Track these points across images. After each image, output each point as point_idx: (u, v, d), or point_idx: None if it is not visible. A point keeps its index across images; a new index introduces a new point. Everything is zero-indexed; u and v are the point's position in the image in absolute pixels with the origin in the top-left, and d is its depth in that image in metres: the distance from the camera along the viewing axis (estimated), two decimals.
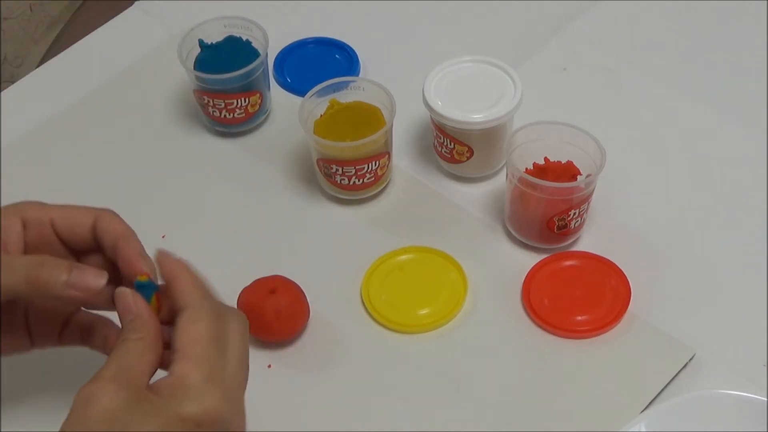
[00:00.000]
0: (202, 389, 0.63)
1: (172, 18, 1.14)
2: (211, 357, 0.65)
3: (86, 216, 0.71)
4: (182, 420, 0.62)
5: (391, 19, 1.14)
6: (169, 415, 0.62)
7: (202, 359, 0.64)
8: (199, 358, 0.64)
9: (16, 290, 0.67)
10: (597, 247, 0.92)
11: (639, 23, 1.12)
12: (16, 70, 1.51)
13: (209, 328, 0.66)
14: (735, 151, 1.00)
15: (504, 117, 0.93)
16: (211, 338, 0.65)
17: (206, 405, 0.63)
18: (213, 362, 0.64)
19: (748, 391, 0.81)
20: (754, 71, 1.06)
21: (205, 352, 0.65)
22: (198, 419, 0.62)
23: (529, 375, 0.85)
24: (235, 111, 1.01)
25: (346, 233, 0.96)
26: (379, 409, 0.84)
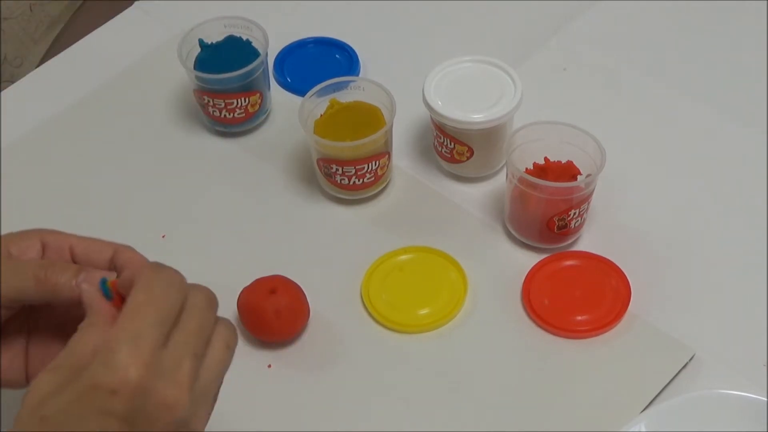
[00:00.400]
0: (117, 352, 0.58)
1: (172, 18, 1.14)
2: (144, 323, 0.60)
3: (105, 247, 0.69)
4: (95, 388, 0.58)
5: (391, 19, 1.14)
6: (84, 385, 0.58)
7: (130, 324, 0.59)
8: (127, 324, 0.59)
9: (26, 291, 0.65)
10: (597, 247, 0.92)
11: (639, 23, 1.12)
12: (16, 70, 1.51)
13: (148, 296, 0.61)
14: (735, 151, 1.00)
15: (504, 117, 0.93)
16: (146, 304, 0.61)
17: (121, 370, 0.58)
18: (145, 329, 0.59)
19: (748, 391, 0.81)
20: (754, 71, 1.06)
21: (129, 316, 0.60)
22: (113, 386, 0.58)
23: (529, 375, 0.85)
24: (235, 111, 1.01)
25: (346, 233, 0.96)
26: (379, 409, 0.84)
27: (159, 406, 0.59)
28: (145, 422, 0.59)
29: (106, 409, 0.58)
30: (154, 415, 0.59)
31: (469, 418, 0.83)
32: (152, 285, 0.62)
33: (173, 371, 0.59)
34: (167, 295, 0.62)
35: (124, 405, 0.58)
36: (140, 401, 0.58)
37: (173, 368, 0.59)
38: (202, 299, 0.63)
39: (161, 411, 0.59)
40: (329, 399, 0.85)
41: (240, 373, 0.85)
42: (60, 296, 0.66)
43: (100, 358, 0.59)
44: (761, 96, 1.04)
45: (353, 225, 0.96)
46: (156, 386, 0.58)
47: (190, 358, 0.60)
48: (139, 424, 0.59)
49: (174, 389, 0.59)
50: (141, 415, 0.58)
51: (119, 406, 0.58)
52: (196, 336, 0.61)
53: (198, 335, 0.62)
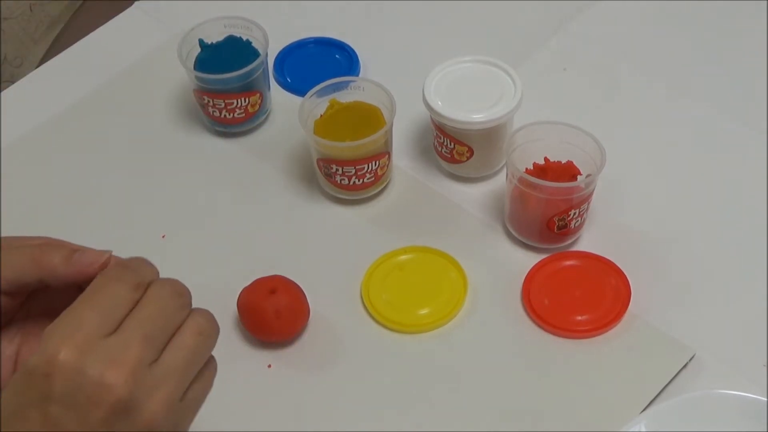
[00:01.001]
0: (50, 338, 0.58)
1: (172, 18, 1.14)
2: (84, 312, 0.59)
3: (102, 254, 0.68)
4: (30, 374, 0.57)
5: (391, 19, 1.14)
6: (22, 373, 0.58)
7: (69, 313, 0.59)
8: (66, 314, 0.59)
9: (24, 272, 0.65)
10: (597, 247, 0.92)
11: (639, 23, 1.12)
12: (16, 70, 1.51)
13: (95, 289, 0.61)
14: (735, 151, 1.00)
15: (504, 117, 0.93)
16: (90, 295, 0.60)
17: (52, 353, 0.57)
18: (84, 316, 0.59)
19: (748, 391, 0.81)
20: (754, 71, 1.06)
21: (76, 308, 0.59)
22: (44, 369, 0.57)
23: (529, 375, 0.85)
24: (235, 111, 1.01)
25: (346, 233, 0.96)
26: (379, 409, 0.84)
27: (97, 386, 0.58)
28: (87, 405, 0.58)
29: (44, 393, 0.57)
30: (94, 397, 0.58)
31: (469, 418, 0.83)
32: (102, 279, 0.62)
33: (117, 353, 0.58)
34: (117, 285, 0.61)
35: (60, 387, 0.57)
36: (76, 382, 0.57)
37: (117, 350, 0.58)
38: (164, 290, 0.62)
39: (100, 391, 0.58)
40: (329, 399, 0.85)
41: (240, 373, 0.86)
42: (56, 275, 0.65)
43: (42, 343, 0.58)
44: (761, 96, 1.04)
45: (353, 225, 0.96)
46: (92, 367, 0.57)
47: (138, 341, 0.59)
48: (81, 408, 0.58)
49: (114, 369, 0.58)
50: (80, 398, 0.57)
51: (56, 388, 0.57)
52: (150, 321, 0.60)
53: (152, 320, 0.60)
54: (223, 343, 0.87)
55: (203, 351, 0.63)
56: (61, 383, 0.57)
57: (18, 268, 0.66)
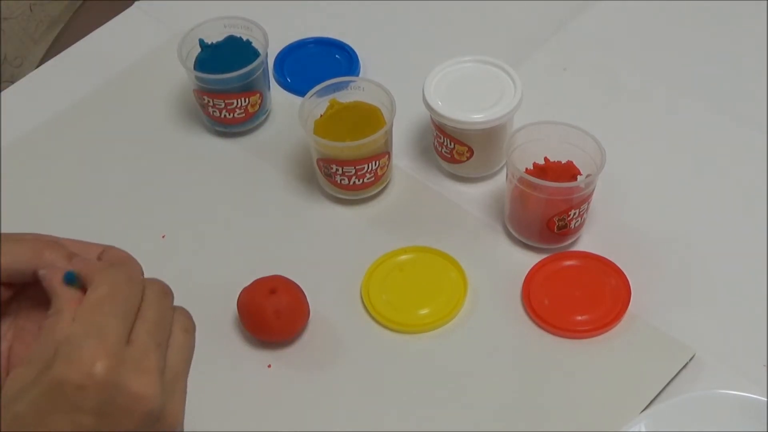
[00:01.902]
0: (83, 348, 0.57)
1: (172, 18, 1.14)
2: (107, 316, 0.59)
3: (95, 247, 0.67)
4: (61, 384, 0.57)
5: (391, 19, 1.14)
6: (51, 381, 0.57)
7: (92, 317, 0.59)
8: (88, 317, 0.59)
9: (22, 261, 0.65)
10: (597, 247, 0.92)
11: (639, 23, 1.12)
12: (16, 70, 1.51)
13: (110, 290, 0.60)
14: (735, 151, 1.00)
15: (504, 117, 0.93)
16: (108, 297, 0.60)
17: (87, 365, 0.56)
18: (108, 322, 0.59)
19: (748, 391, 0.81)
20: (754, 71, 1.06)
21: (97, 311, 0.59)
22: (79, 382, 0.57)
23: (529, 375, 0.85)
24: (235, 111, 1.01)
25: (346, 233, 0.96)
26: (379, 409, 0.84)
27: (131, 398, 0.58)
28: (119, 415, 0.58)
29: (76, 405, 0.57)
30: (127, 408, 0.58)
31: (469, 418, 0.83)
32: (113, 278, 0.62)
33: (140, 362, 0.59)
34: (128, 288, 0.61)
35: (94, 400, 0.57)
36: (110, 395, 0.58)
37: (140, 359, 0.59)
38: (157, 291, 0.63)
39: (134, 403, 0.58)
40: (329, 399, 0.85)
41: (240, 373, 0.86)
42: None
43: (64, 353, 0.58)
44: (761, 96, 1.04)
45: (353, 225, 0.96)
46: (125, 378, 0.58)
47: (154, 348, 0.60)
48: (113, 418, 0.58)
49: (144, 379, 0.58)
50: (113, 409, 0.58)
51: (89, 401, 0.57)
52: (157, 326, 0.61)
53: (159, 325, 0.61)
54: (223, 343, 0.88)
55: (191, 349, 0.64)
56: (95, 395, 0.57)
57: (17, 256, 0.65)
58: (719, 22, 1.12)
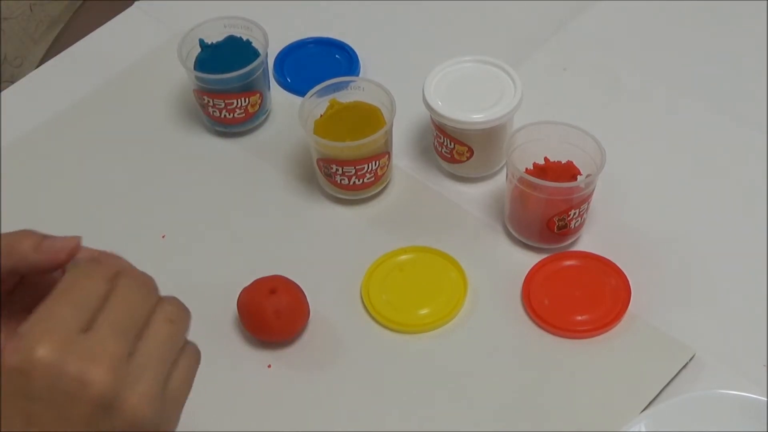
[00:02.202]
0: (25, 335, 0.57)
1: (172, 18, 1.14)
2: (58, 307, 0.59)
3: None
4: (8, 371, 0.57)
5: (391, 19, 1.14)
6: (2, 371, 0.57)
7: (43, 309, 0.58)
8: (40, 309, 0.58)
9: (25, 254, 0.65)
10: (597, 247, 0.92)
11: (639, 23, 1.12)
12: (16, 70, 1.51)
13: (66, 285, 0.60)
14: (735, 151, 1.00)
15: (504, 117, 0.93)
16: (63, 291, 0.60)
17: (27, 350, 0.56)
18: (58, 311, 0.58)
19: (748, 391, 0.81)
20: (754, 71, 1.06)
21: (49, 304, 0.59)
22: (21, 367, 0.56)
23: (529, 375, 0.85)
24: (235, 111, 1.01)
25: (346, 233, 0.96)
26: (379, 409, 0.84)
27: (77, 382, 0.57)
28: (67, 402, 0.57)
29: (22, 390, 0.57)
30: (74, 394, 0.57)
31: (469, 418, 0.83)
32: (74, 274, 0.61)
33: (92, 349, 0.58)
34: (86, 282, 0.61)
35: (38, 385, 0.57)
36: (55, 380, 0.57)
37: (92, 347, 0.58)
38: (131, 282, 0.62)
39: (79, 388, 0.57)
40: (329, 399, 0.85)
41: (240, 373, 0.86)
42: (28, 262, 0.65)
43: (16, 339, 0.58)
44: (761, 96, 1.04)
45: (353, 225, 0.96)
46: (69, 363, 0.57)
47: (114, 336, 0.59)
48: (61, 405, 0.57)
49: (93, 365, 0.57)
50: (59, 395, 0.57)
51: (34, 386, 0.57)
52: (122, 314, 0.60)
53: (124, 313, 0.60)
54: (223, 343, 0.88)
55: (176, 338, 0.62)
56: (40, 381, 0.57)
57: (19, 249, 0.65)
58: (719, 22, 1.12)
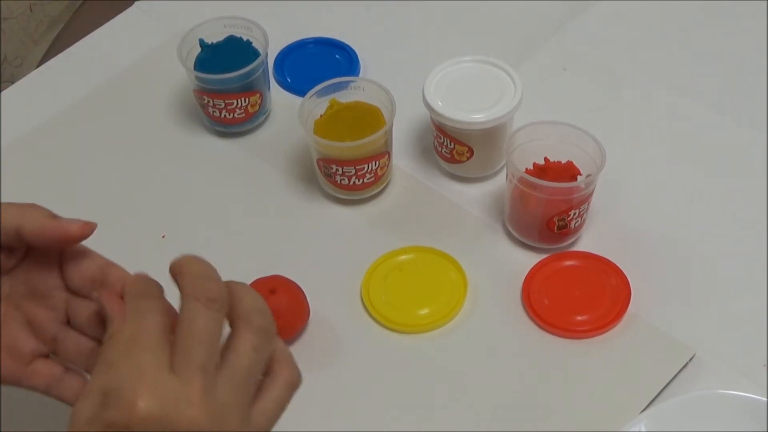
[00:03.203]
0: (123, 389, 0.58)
1: (172, 18, 1.14)
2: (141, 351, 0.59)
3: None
4: (111, 425, 0.58)
5: (391, 19, 1.14)
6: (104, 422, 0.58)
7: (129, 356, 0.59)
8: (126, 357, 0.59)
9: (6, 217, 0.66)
10: (597, 247, 0.92)
11: (639, 23, 1.12)
12: (16, 70, 1.51)
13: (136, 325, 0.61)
14: (735, 151, 1.00)
15: (504, 117, 0.93)
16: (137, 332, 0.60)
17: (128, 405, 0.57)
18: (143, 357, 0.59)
19: (748, 391, 0.81)
20: (754, 71, 1.06)
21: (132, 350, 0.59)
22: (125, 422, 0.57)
23: (529, 375, 0.85)
24: (235, 111, 1.01)
25: (346, 233, 0.96)
26: (378, 409, 0.84)
27: (177, 428, 0.58)
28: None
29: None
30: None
31: (469, 418, 0.83)
32: (137, 311, 0.61)
33: (183, 391, 0.59)
34: (153, 320, 0.61)
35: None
36: (157, 428, 0.58)
37: (182, 388, 0.59)
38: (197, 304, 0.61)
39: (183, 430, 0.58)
40: (329, 399, 0.85)
41: None
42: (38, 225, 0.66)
43: (112, 395, 0.58)
44: (761, 96, 1.04)
45: (353, 225, 0.96)
46: (169, 411, 0.58)
47: (197, 373, 0.59)
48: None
49: (188, 409, 0.58)
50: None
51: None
52: (200, 346, 0.60)
53: (203, 344, 0.60)
54: None
55: (259, 365, 0.63)
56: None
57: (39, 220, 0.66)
58: (719, 22, 1.12)
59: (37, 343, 0.69)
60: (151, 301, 0.63)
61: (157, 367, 0.59)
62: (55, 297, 0.69)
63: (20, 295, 0.69)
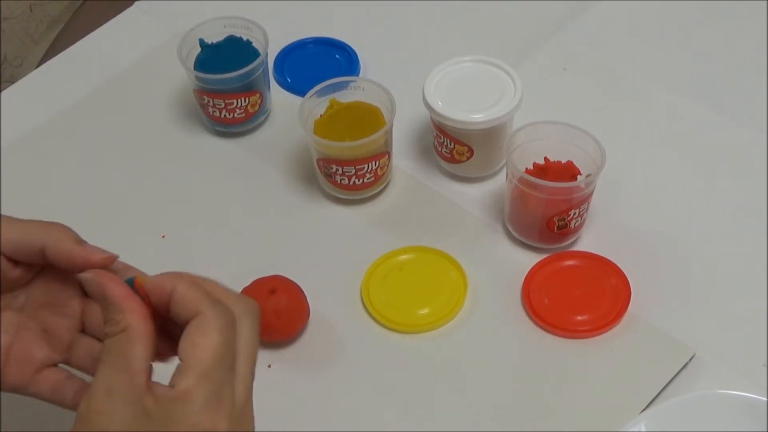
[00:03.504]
0: (203, 407, 0.59)
1: (172, 18, 1.14)
2: (219, 373, 0.60)
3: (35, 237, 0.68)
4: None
5: (391, 19, 1.14)
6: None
7: (209, 375, 0.60)
8: (206, 374, 0.60)
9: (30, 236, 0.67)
10: (597, 247, 0.92)
11: (639, 23, 1.12)
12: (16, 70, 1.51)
13: (220, 342, 0.61)
14: (735, 151, 1.00)
15: (504, 117, 0.93)
16: (220, 352, 0.61)
17: (205, 426, 0.59)
18: (220, 379, 0.60)
19: (748, 391, 0.81)
20: (754, 71, 1.06)
21: (212, 368, 0.60)
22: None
23: (529, 375, 0.85)
24: (235, 111, 1.01)
25: (346, 233, 0.96)
26: (379, 409, 0.84)
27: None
28: None
29: None
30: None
31: (469, 418, 0.83)
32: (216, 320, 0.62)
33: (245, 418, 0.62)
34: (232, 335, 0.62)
35: None
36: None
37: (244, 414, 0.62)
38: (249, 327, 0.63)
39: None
40: (329, 399, 0.85)
41: None
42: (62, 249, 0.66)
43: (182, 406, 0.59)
44: (761, 96, 1.04)
45: (353, 225, 0.96)
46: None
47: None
48: None
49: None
50: None
51: None
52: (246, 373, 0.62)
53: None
54: None
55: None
56: None
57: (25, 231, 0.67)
58: (719, 22, 1.12)
59: (51, 352, 0.70)
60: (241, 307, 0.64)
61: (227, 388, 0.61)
62: (71, 305, 0.70)
63: (37, 305, 0.70)
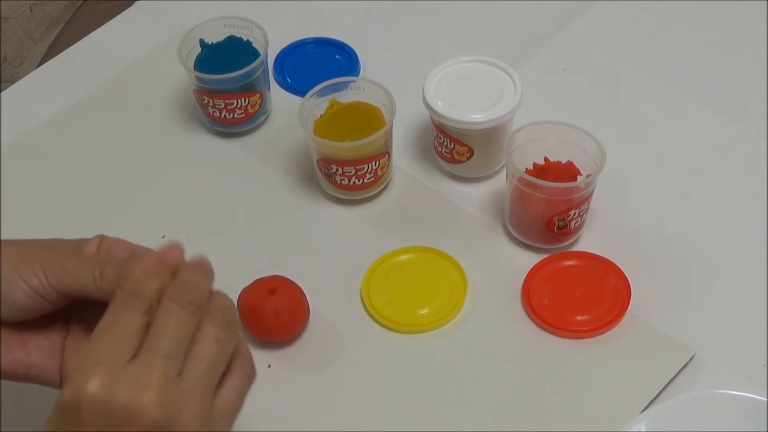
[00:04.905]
0: (74, 371, 0.59)
1: (172, 18, 1.14)
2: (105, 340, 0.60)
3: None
4: (64, 407, 0.59)
5: (391, 19, 1.14)
6: (58, 405, 0.59)
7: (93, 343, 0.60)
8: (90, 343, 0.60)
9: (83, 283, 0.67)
10: (597, 247, 0.92)
11: (639, 23, 1.12)
12: (16, 70, 1.51)
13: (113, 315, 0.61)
14: (735, 151, 1.00)
15: (504, 117, 0.93)
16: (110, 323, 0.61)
17: (80, 386, 0.58)
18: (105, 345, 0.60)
19: (748, 391, 0.81)
20: (754, 71, 1.06)
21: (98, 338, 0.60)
22: (75, 403, 0.58)
23: (529, 375, 0.85)
24: (235, 111, 1.01)
25: (346, 233, 0.96)
26: (379, 409, 0.84)
27: (127, 411, 0.58)
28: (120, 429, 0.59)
29: (78, 424, 0.58)
30: (126, 423, 0.58)
31: (469, 418, 0.83)
32: (114, 311, 0.62)
33: (140, 377, 0.59)
34: (126, 316, 0.62)
35: (91, 419, 0.58)
36: (106, 412, 0.58)
37: (140, 374, 0.59)
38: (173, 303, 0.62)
39: (132, 417, 0.58)
40: (329, 399, 0.85)
41: None
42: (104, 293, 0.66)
43: (69, 377, 0.59)
44: (761, 96, 1.04)
45: (353, 225, 0.96)
46: (119, 393, 0.58)
47: (159, 360, 0.60)
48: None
49: (141, 393, 0.59)
50: (113, 425, 0.58)
51: (87, 421, 0.58)
52: (165, 339, 0.61)
53: (168, 338, 0.61)
54: None
55: (223, 357, 0.63)
56: (92, 415, 0.58)
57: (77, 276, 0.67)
58: (719, 22, 1.12)
59: None
60: (133, 299, 0.63)
61: (117, 355, 0.60)
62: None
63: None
